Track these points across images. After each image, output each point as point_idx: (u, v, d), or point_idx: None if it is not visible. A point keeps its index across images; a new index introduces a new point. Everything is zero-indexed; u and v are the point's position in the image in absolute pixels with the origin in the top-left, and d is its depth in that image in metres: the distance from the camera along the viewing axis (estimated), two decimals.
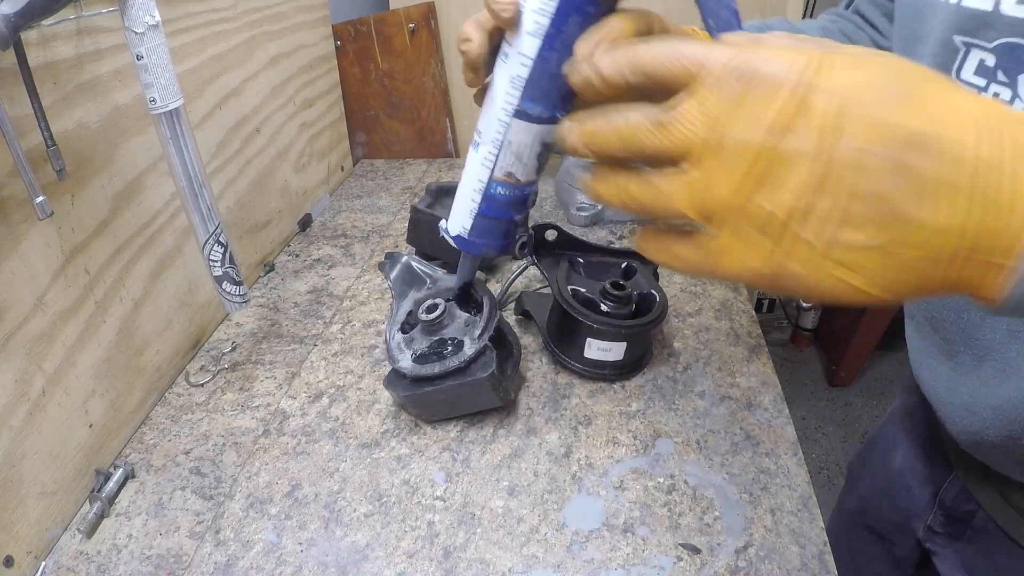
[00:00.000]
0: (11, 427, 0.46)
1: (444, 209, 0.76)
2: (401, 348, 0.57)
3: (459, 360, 0.54)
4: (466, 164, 0.48)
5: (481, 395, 0.56)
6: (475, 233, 0.49)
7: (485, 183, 0.47)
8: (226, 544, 0.49)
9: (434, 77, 1.13)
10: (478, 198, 0.48)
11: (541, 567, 0.46)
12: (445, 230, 0.50)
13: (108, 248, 0.56)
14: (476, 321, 0.57)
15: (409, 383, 0.55)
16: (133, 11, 0.46)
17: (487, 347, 0.55)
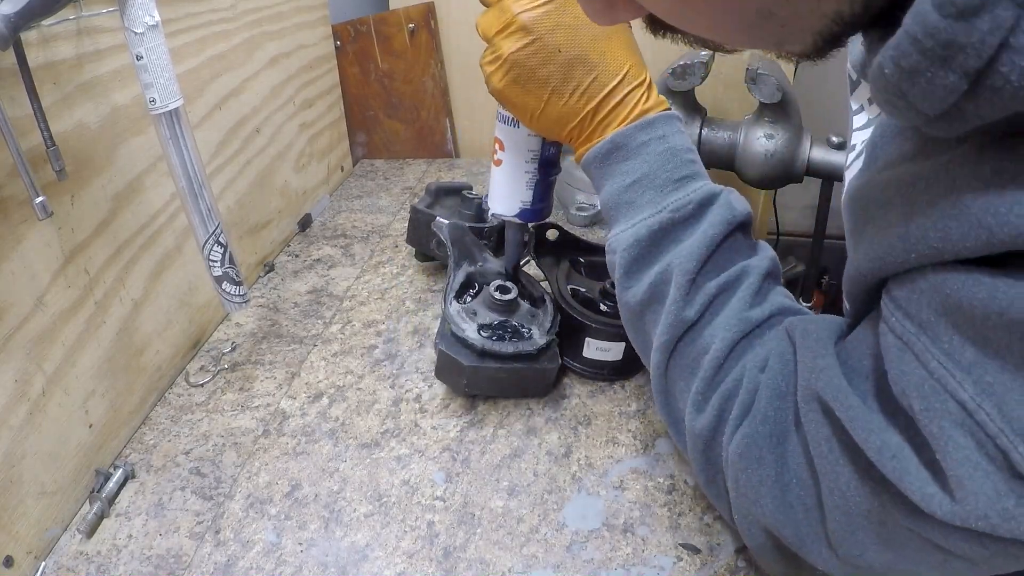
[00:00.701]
0: (11, 427, 0.46)
1: (444, 209, 0.76)
2: (464, 317, 0.58)
3: (532, 346, 0.56)
4: (506, 144, 0.55)
5: (540, 384, 0.59)
6: (536, 200, 0.56)
7: (538, 150, 0.54)
8: (226, 544, 0.49)
9: (434, 77, 1.13)
10: (533, 167, 0.55)
11: (541, 567, 0.46)
12: (497, 215, 0.58)
13: (108, 248, 0.56)
14: (540, 314, 0.61)
15: (475, 354, 0.56)
16: (133, 11, 0.46)
17: (554, 341, 0.58)
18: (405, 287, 0.79)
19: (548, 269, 0.67)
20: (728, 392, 0.40)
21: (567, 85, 0.48)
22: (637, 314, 0.47)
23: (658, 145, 0.47)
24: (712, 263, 0.44)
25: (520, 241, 0.60)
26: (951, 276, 0.28)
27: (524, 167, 0.55)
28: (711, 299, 0.42)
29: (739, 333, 0.41)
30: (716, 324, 0.42)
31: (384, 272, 0.83)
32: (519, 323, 0.59)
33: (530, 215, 0.57)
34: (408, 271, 0.82)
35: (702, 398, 0.41)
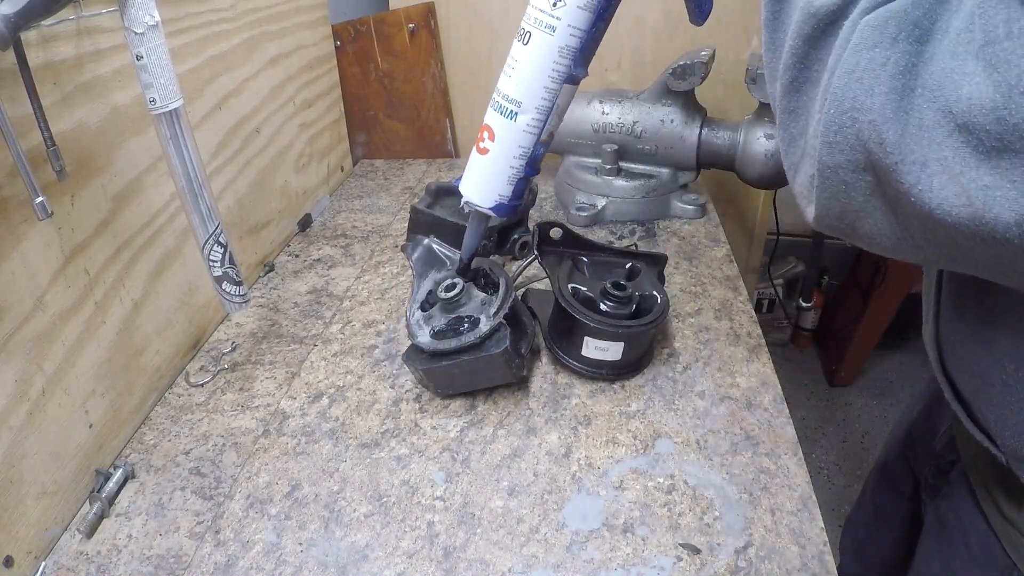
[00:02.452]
0: (11, 427, 0.46)
1: (444, 209, 0.76)
2: (420, 325, 0.60)
3: (475, 336, 0.56)
4: (497, 135, 0.53)
5: (495, 370, 0.58)
6: (513, 197, 0.56)
7: (530, 148, 0.53)
8: (226, 544, 0.49)
9: (434, 77, 1.13)
10: (520, 164, 0.54)
11: (541, 567, 0.46)
12: (472, 203, 0.56)
13: (108, 248, 0.56)
14: (492, 300, 0.60)
15: (427, 357, 0.57)
16: (133, 11, 0.46)
17: (502, 324, 0.57)
18: (405, 287, 0.79)
19: (551, 267, 0.67)
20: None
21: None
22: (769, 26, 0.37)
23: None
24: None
25: (481, 233, 0.59)
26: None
27: (511, 162, 0.53)
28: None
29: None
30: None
31: (384, 272, 0.83)
32: (470, 315, 0.59)
33: (505, 210, 0.56)
34: (408, 271, 0.82)
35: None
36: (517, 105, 0.51)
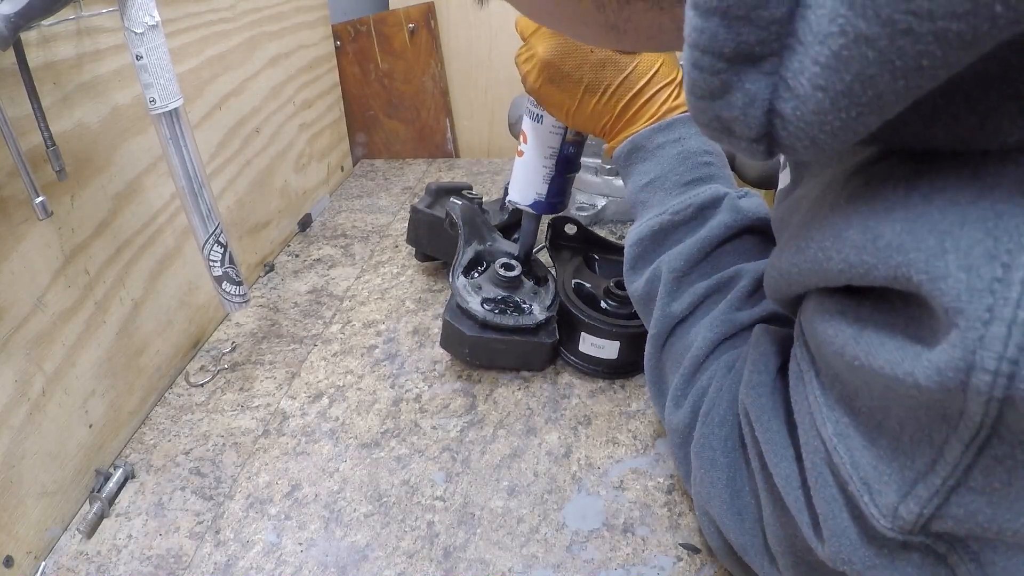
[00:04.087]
0: (11, 427, 0.46)
1: (444, 209, 0.76)
2: (469, 291, 0.62)
3: (531, 320, 0.60)
4: (528, 138, 0.59)
5: (539, 358, 0.62)
6: (550, 194, 0.61)
7: (558, 148, 0.58)
8: (226, 544, 0.49)
9: (434, 77, 1.13)
10: (551, 163, 0.59)
11: (541, 567, 0.46)
12: (513, 202, 0.62)
13: (108, 248, 0.56)
14: (542, 292, 0.64)
15: (477, 325, 0.59)
16: (133, 11, 0.46)
17: (553, 317, 0.61)
18: (405, 287, 0.79)
19: (561, 262, 0.68)
20: (702, 390, 0.40)
21: (599, 84, 0.49)
22: (640, 307, 0.49)
23: (673, 148, 0.48)
24: (708, 264, 0.44)
25: (534, 230, 0.64)
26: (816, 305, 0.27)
27: (543, 162, 0.59)
28: (700, 299, 0.44)
29: (722, 334, 0.41)
30: (703, 324, 0.42)
31: (384, 272, 0.83)
32: (521, 299, 0.62)
33: (543, 207, 0.61)
34: (408, 271, 0.82)
35: (680, 394, 0.42)
36: (541, 109, 0.56)
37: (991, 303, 0.19)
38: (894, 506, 0.24)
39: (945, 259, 0.20)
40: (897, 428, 0.23)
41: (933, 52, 0.16)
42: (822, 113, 0.19)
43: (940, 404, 0.21)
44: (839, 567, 0.27)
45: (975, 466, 0.21)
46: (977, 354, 0.19)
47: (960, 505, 0.22)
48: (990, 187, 0.19)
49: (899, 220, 0.22)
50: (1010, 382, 0.18)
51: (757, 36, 0.19)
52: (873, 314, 0.24)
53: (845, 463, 0.26)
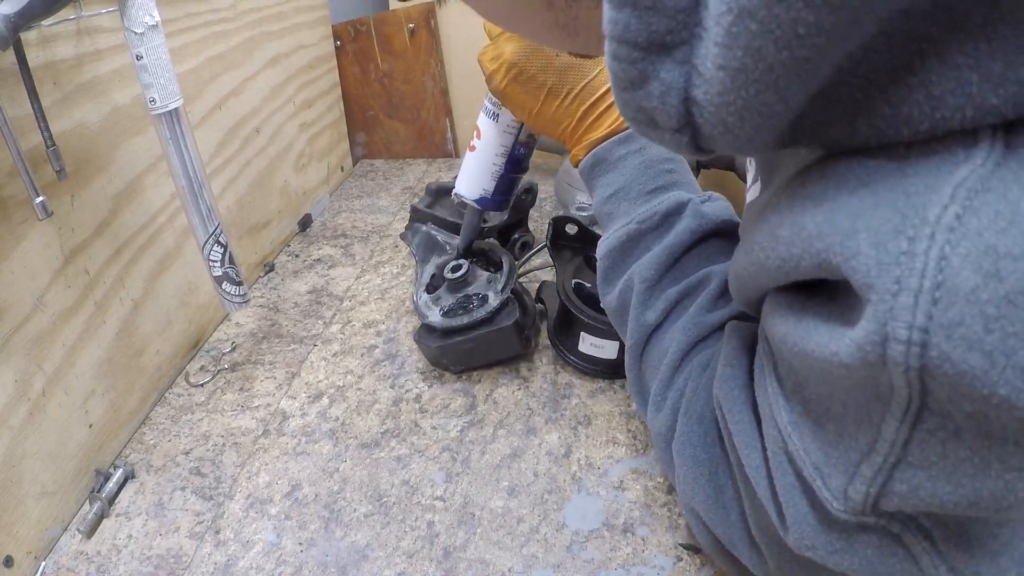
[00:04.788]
0: (11, 427, 0.46)
1: (444, 209, 0.76)
2: (429, 306, 0.63)
3: (486, 311, 0.59)
4: (483, 134, 0.59)
5: (507, 342, 0.61)
6: (496, 192, 0.61)
7: (509, 147, 0.59)
8: (226, 544, 0.49)
9: (434, 77, 1.13)
10: (501, 161, 0.60)
11: (541, 567, 0.46)
12: (459, 195, 0.62)
13: (108, 248, 0.56)
14: (497, 277, 0.63)
15: (440, 335, 0.60)
16: (133, 11, 0.46)
17: (510, 299, 0.60)
18: (405, 287, 0.79)
19: (562, 262, 0.68)
20: (680, 391, 0.41)
21: (562, 87, 0.50)
22: (615, 318, 0.49)
23: (634, 158, 0.49)
24: (677, 269, 0.45)
25: (475, 225, 0.64)
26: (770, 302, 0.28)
27: (494, 159, 0.60)
28: (672, 304, 0.44)
29: (695, 336, 0.42)
30: (676, 327, 0.43)
31: (384, 272, 0.83)
32: (478, 292, 0.62)
33: (488, 203, 0.62)
34: (408, 271, 0.82)
35: (660, 398, 0.42)
36: (499, 107, 0.57)
37: (898, 275, 0.19)
38: (843, 488, 0.24)
39: (857, 238, 0.20)
40: (841, 411, 0.24)
41: (806, 18, 0.17)
42: (725, 93, 0.20)
43: (871, 382, 0.21)
44: (805, 553, 0.28)
45: (911, 441, 0.21)
46: (889, 325, 0.19)
47: (902, 481, 0.22)
48: (904, 173, 0.20)
49: (822, 211, 0.22)
50: (923, 351, 0.19)
51: (666, 25, 0.20)
52: (808, 303, 0.24)
53: (799, 450, 0.26)
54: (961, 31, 0.18)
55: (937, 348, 0.19)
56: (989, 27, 0.17)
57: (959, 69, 0.18)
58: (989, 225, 0.18)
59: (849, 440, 0.24)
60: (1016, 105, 0.18)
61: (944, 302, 0.18)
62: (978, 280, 0.18)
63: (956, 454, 0.21)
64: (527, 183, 0.76)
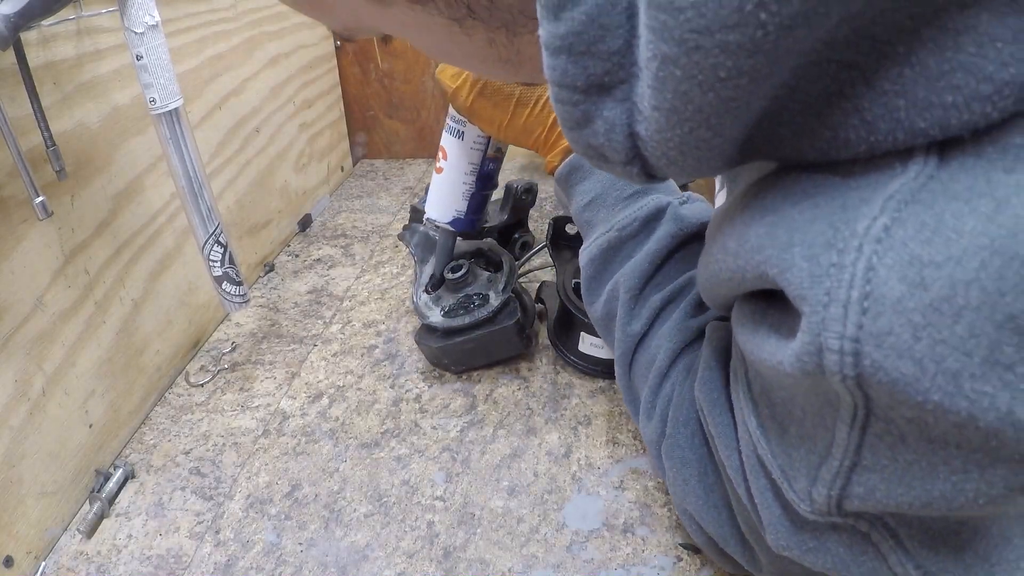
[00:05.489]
0: (11, 427, 0.46)
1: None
2: (429, 306, 0.62)
3: (487, 310, 0.59)
4: (449, 154, 0.58)
5: (508, 342, 0.61)
6: (469, 211, 0.60)
7: (478, 164, 0.58)
8: (226, 544, 0.49)
9: (434, 77, 1.13)
10: (471, 180, 0.58)
11: (541, 567, 0.46)
12: (431, 220, 0.61)
13: (108, 248, 0.56)
14: (498, 277, 0.63)
15: (440, 336, 0.60)
16: (133, 11, 0.46)
17: (511, 298, 0.60)
18: (405, 287, 0.79)
19: (562, 262, 0.68)
20: (667, 398, 0.41)
21: (531, 96, 0.50)
22: (601, 328, 0.49)
23: None
24: (661, 276, 0.45)
25: (450, 248, 0.62)
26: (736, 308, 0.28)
27: (463, 178, 0.58)
28: (657, 312, 0.44)
29: (681, 342, 0.42)
30: (661, 334, 0.43)
31: (384, 272, 0.83)
32: (478, 292, 0.62)
33: (462, 224, 0.60)
34: (408, 271, 0.82)
35: (650, 406, 0.43)
36: (463, 124, 0.56)
37: (829, 286, 0.20)
38: (808, 490, 0.25)
39: (792, 251, 0.21)
40: (801, 416, 0.24)
41: (724, 63, 0.18)
42: (662, 131, 0.20)
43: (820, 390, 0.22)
44: (782, 553, 0.28)
45: (863, 446, 0.22)
46: (822, 336, 0.20)
47: (860, 484, 0.23)
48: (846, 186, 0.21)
49: (765, 223, 0.23)
50: (856, 360, 0.19)
51: (602, 67, 0.20)
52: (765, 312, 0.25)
53: (767, 453, 0.27)
54: (886, 58, 0.18)
55: (869, 357, 0.19)
56: (912, 55, 0.18)
57: (887, 95, 0.19)
58: (914, 235, 0.18)
59: (809, 444, 0.24)
60: (943, 127, 0.18)
61: (872, 312, 0.19)
62: (904, 289, 0.18)
63: (904, 458, 0.21)
64: (527, 183, 0.76)
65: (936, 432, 0.20)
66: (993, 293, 0.17)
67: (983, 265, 0.17)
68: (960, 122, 0.18)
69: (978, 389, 0.18)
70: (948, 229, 0.18)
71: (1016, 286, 0.17)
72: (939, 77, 0.18)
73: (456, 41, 0.27)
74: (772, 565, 0.34)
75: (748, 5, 0.16)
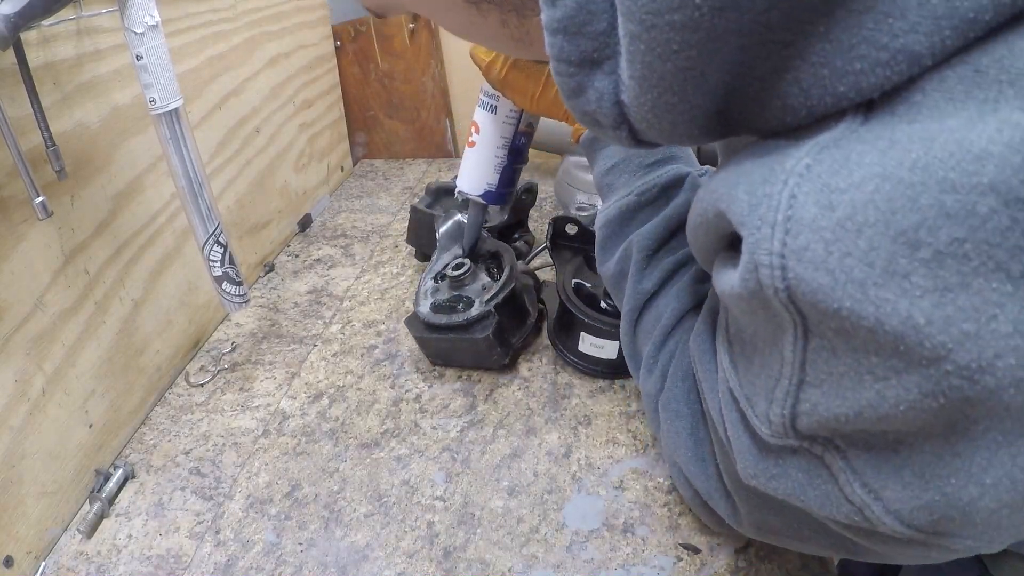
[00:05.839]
0: (11, 427, 0.46)
1: (444, 209, 0.76)
2: (426, 295, 0.64)
3: (464, 317, 0.59)
4: (481, 128, 0.59)
5: (477, 353, 0.61)
6: (500, 185, 0.61)
7: (510, 138, 0.59)
8: (226, 544, 0.49)
9: (434, 77, 1.13)
10: (503, 153, 0.60)
11: (541, 567, 0.46)
12: (464, 192, 0.62)
13: (108, 248, 0.56)
14: (492, 286, 0.62)
15: (422, 326, 0.61)
16: (133, 11, 0.46)
17: (491, 312, 0.60)
18: (405, 287, 0.79)
19: (562, 262, 0.68)
20: (670, 354, 0.44)
21: None
22: (612, 286, 0.51)
23: None
24: (675, 241, 0.47)
25: (480, 222, 0.64)
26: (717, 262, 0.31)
27: (495, 152, 0.59)
28: (668, 273, 0.46)
29: (687, 303, 0.45)
30: (670, 295, 0.46)
31: (384, 272, 0.83)
32: (468, 296, 0.62)
33: (493, 197, 0.61)
34: (408, 271, 0.82)
35: (652, 361, 0.45)
36: (496, 99, 0.57)
37: (761, 213, 0.23)
38: (766, 413, 0.27)
39: (738, 188, 0.25)
40: (762, 346, 0.27)
41: (674, 38, 0.22)
42: (637, 97, 0.24)
43: (767, 310, 0.25)
44: (750, 483, 0.30)
45: (807, 362, 0.25)
46: (756, 254, 0.23)
47: (806, 401, 0.25)
48: (785, 144, 0.24)
49: (725, 172, 0.27)
50: (783, 273, 0.22)
51: (592, 45, 0.24)
52: (724, 257, 0.29)
53: (735, 385, 0.30)
54: (811, 36, 0.22)
55: (793, 271, 0.22)
56: (829, 32, 0.22)
57: (815, 67, 0.23)
58: (827, 169, 0.22)
59: (767, 369, 0.27)
60: (858, 91, 0.22)
61: (793, 232, 0.22)
62: (817, 211, 0.22)
63: (837, 370, 0.24)
64: (527, 183, 0.76)
65: (857, 342, 0.22)
66: (886, 212, 0.20)
67: (876, 189, 0.21)
68: (869, 85, 0.22)
69: (881, 296, 0.21)
70: (852, 163, 0.22)
71: (903, 206, 0.20)
72: (849, 49, 0.22)
73: (473, 22, 0.31)
74: (750, 516, 0.36)
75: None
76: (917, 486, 0.25)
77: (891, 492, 0.25)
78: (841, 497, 0.27)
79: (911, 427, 0.23)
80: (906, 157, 0.20)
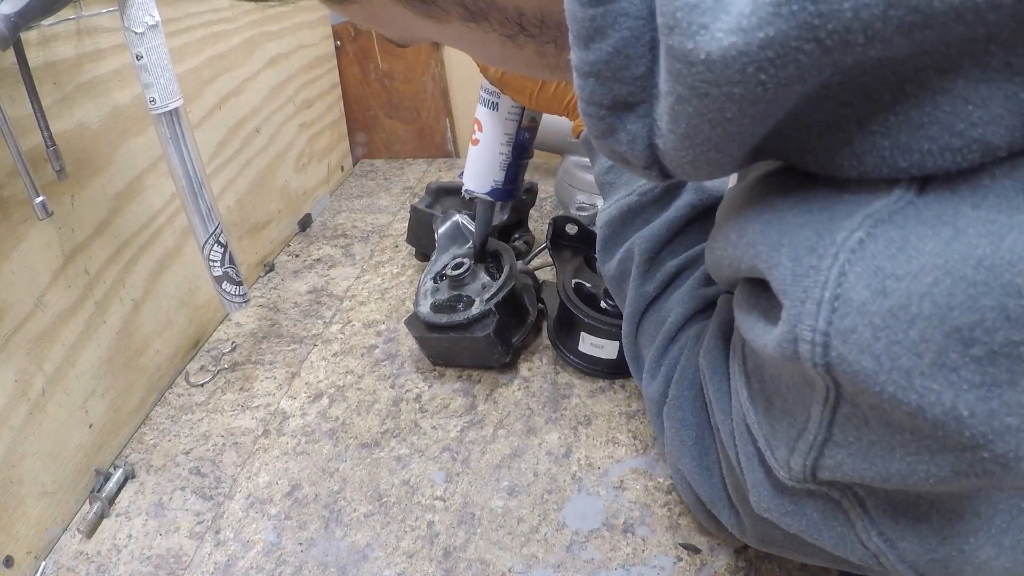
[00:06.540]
0: (11, 427, 0.46)
1: (444, 209, 0.76)
2: (426, 295, 0.64)
3: (464, 316, 0.59)
4: (484, 126, 0.59)
5: (478, 352, 0.61)
6: (507, 181, 0.61)
7: (514, 133, 0.59)
8: (226, 544, 0.49)
9: (434, 77, 1.13)
10: (507, 149, 0.59)
11: (541, 567, 0.46)
12: (471, 191, 0.62)
13: (108, 248, 0.56)
14: (492, 286, 0.62)
15: (422, 326, 0.61)
16: (133, 11, 0.46)
17: (491, 311, 0.60)
18: (405, 287, 0.79)
19: (562, 262, 0.68)
20: (674, 360, 0.43)
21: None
22: (613, 286, 0.51)
23: None
24: (678, 243, 0.47)
25: (488, 219, 0.63)
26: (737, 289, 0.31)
27: (499, 149, 0.59)
28: (671, 277, 0.46)
29: (692, 309, 0.44)
30: (674, 299, 0.45)
31: (384, 272, 0.83)
32: (468, 295, 0.62)
33: (500, 194, 0.61)
34: (408, 271, 0.82)
35: (655, 365, 0.44)
36: (497, 96, 0.56)
37: (807, 285, 0.22)
38: (787, 459, 0.28)
39: (780, 251, 0.24)
40: (785, 392, 0.27)
41: (729, 107, 0.20)
42: (677, 149, 0.23)
43: (799, 372, 0.24)
44: (763, 515, 0.31)
45: (834, 424, 0.25)
46: (797, 327, 0.23)
47: (831, 457, 0.26)
48: (837, 199, 0.23)
49: (762, 220, 0.26)
50: (825, 351, 0.22)
51: (627, 90, 0.23)
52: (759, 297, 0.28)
53: (754, 423, 0.30)
54: (875, 103, 0.21)
55: (836, 350, 0.22)
56: (897, 105, 0.20)
57: (874, 135, 0.21)
58: (883, 250, 0.21)
59: (790, 418, 0.27)
60: (920, 168, 0.21)
61: (841, 311, 0.22)
62: (868, 295, 0.21)
63: (868, 437, 0.24)
64: (527, 183, 0.76)
65: (893, 419, 0.22)
66: (943, 307, 0.20)
67: (936, 282, 0.20)
68: (934, 166, 0.21)
69: (926, 386, 0.21)
70: (911, 248, 0.21)
71: (962, 303, 0.20)
72: (918, 127, 0.20)
73: (508, 53, 0.30)
74: (754, 528, 0.36)
75: (750, 68, 0.19)
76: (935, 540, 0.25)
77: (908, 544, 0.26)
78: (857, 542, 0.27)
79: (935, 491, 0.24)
80: (972, 253, 0.20)
